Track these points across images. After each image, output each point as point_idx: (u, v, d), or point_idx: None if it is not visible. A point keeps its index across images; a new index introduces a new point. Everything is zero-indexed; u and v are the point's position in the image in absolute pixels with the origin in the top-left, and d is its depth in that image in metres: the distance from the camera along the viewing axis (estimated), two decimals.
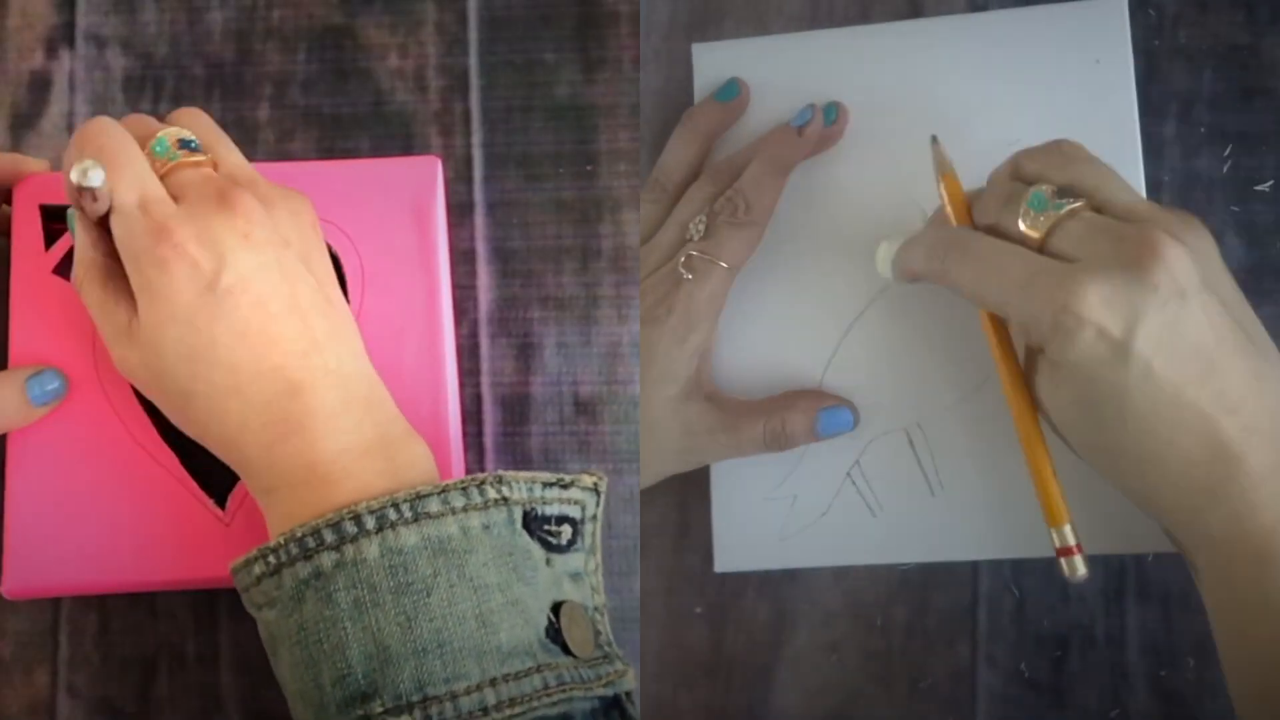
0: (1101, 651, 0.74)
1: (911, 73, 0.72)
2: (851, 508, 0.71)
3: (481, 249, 0.73)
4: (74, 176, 0.57)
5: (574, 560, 0.60)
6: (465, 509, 0.57)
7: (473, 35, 0.75)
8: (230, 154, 0.64)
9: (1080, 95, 0.70)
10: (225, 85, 0.75)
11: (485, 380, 0.73)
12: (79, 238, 0.62)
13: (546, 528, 0.60)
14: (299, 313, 0.60)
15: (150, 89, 0.75)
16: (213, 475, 0.67)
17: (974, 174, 0.66)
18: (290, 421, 0.59)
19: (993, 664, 0.75)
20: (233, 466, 0.61)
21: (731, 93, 0.74)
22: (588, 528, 0.61)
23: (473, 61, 0.75)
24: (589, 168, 0.74)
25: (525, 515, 0.59)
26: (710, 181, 0.72)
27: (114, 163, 0.60)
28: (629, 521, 0.71)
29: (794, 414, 0.70)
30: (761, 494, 0.72)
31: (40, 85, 0.75)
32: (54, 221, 0.69)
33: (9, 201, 0.69)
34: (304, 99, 0.75)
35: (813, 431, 0.71)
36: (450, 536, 0.57)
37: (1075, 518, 0.64)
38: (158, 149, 0.62)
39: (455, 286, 0.72)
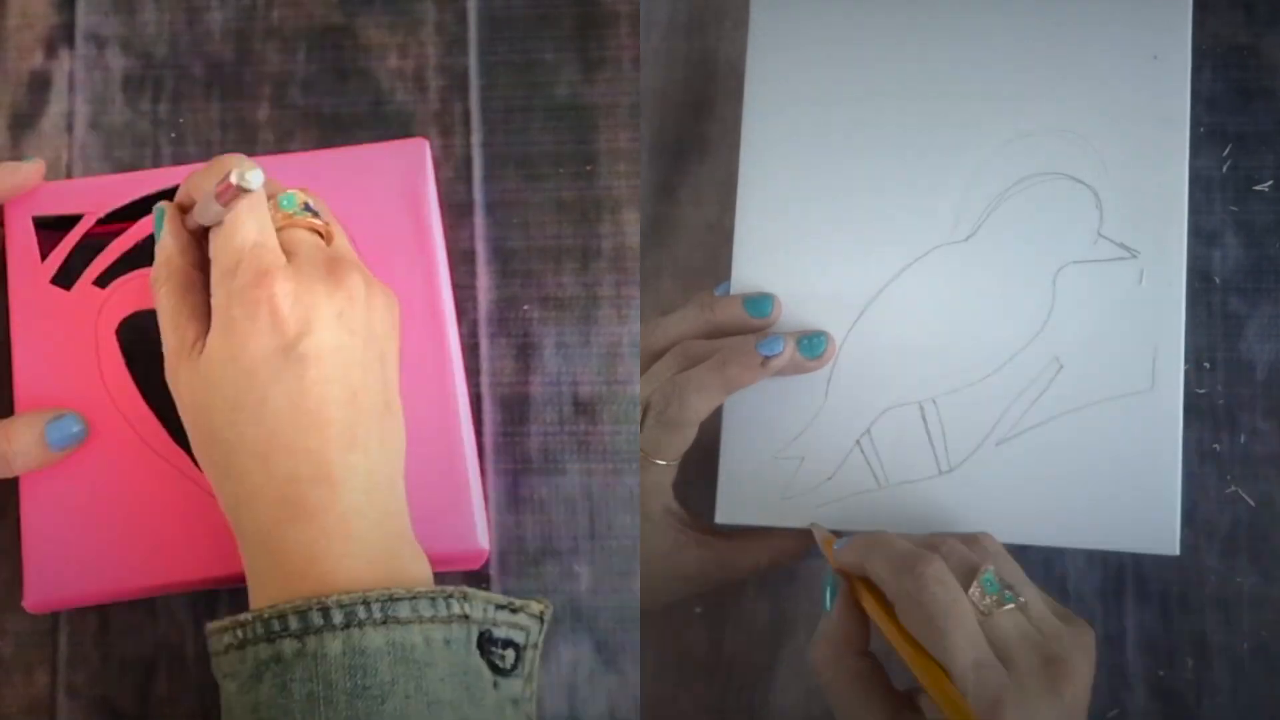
0: (1100, 651, 0.74)
1: (967, 46, 0.72)
2: (858, 475, 0.70)
3: (481, 249, 0.73)
4: (233, 177, 0.56)
5: (514, 686, 0.60)
6: (432, 619, 0.57)
7: (472, 35, 0.75)
8: (341, 235, 0.64)
9: (1133, 90, 0.70)
10: (225, 85, 0.75)
11: (485, 380, 0.72)
12: (166, 239, 0.62)
13: (494, 650, 0.59)
14: (355, 406, 0.59)
15: (150, 89, 0.75)
16: None
17: (1022, 159, 0.69)
18: (305, 507, 0.58)
19: None
20: (234, 531, 0.60)
21: (763, 311, 0.71)
22: (529, 654, 0.61)
23: (472, 61, 0.75)
24: (589, 168, 0.74)
25: (480, 635, 0.59)
26: (673, 362, 0.70)
27: (244, 200, 0.59)
28: (629, 521, 0.71)
29: (783, 555, 0.73)
30: (770, 451, 0.71)
31: (40, 85, 0.75)
32: (48, 230, 0.69)
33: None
34: (304, 99, 0.75)
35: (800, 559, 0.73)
36: (414, 645, 0.56)
37: (1075, 514, 0.65)
38: (284, 202, 0.62)
39: (455, 286, 0.72)
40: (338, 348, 0.59)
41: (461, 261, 0.73)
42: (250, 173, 0.56)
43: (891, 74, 0.72)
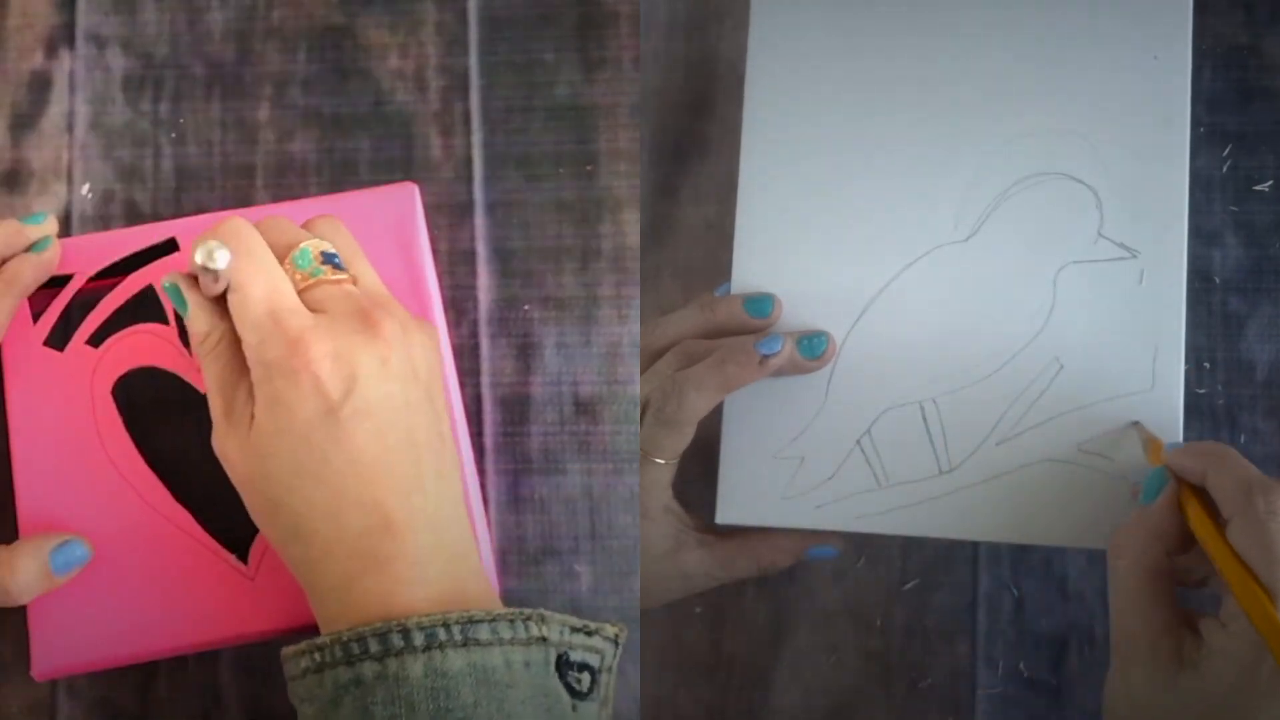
0: (1100, 651, 0.74)
1: (967, 45, 0.72)
2: (858, 475, 0.70)
3: (481, 249, 0.73)
4: (199, 257, 0.56)
5: (591, 709, 0.59)
6: (511, 642, 0.57)
7: (473, 35, 0.75)
8: (368, 272, 0.64)
9: (1133, 90, 0.70)
10: (225, 85, 0.75)
11: (485, 380, 0.73)
12: (194, 312, 0.61)
13: (570, 673, 0.59)
14: (413, 449, 0.59)
15: (150, 89, 0.75)
16: (232, 529, 0.67)
17: (1022, 159, 0.69)
18: (377, 558, 0.57)
19: (992, 664, 0.75)
20: (303, 586, 0.60)
21: (763, 311, 0.71)
22: (604, 678, 0.60)
23: (473, 61, 0.75)
24: (589, 168, 0.74)
25: (558, 658, 0.58)
26: (673, 361, 0.70)
27: (247, 266, 0.59)
28: (629, 521, 0.71)
29: (783, 555, 0.72)
30: (770, 450, 0.71)
31: (40, 85, 0.75)
32: (39, 290, 0.69)
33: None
34: (304, 99, 0.75)
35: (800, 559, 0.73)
36: (495, 668, 0.56)
37: (1075, 514, 0.65)
38: (300, 261, 0.61)
39: (455, 287, 0.72)
40: (386, 397, 0.59)
41: (462, 262, 0.73)
42: (218, 252, 0.56)
43: (892, 74, 0.72)
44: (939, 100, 0.71)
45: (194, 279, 0.62)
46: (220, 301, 0.61)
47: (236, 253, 0.59)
